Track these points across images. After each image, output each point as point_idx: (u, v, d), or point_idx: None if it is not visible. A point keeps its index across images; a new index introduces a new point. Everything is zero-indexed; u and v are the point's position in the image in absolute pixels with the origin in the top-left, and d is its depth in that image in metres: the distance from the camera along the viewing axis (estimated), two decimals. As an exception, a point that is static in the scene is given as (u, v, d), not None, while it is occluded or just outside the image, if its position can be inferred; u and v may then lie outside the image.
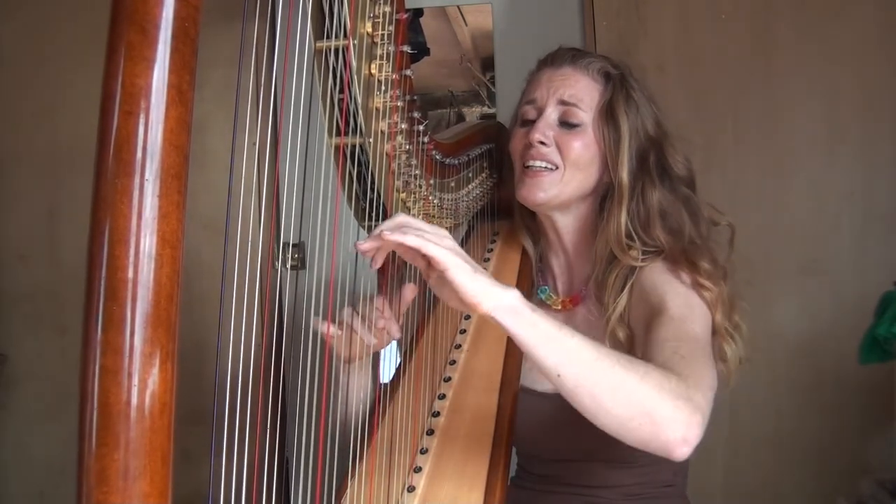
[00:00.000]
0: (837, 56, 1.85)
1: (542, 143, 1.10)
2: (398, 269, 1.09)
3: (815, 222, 1.87)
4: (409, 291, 1.01)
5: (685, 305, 0.99)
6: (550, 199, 1.12)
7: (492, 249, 1.28)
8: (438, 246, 0.77)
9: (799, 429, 1.85)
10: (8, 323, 2.09)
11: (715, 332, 1.00)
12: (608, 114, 1.10)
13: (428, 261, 0.79)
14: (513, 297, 0.78)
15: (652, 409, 0.78)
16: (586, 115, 1.11)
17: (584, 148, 1.10)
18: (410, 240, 0.77)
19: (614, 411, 0.78)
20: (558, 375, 0.78)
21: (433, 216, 1.11)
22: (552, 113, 1.12)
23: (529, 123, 1.13)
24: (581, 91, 1.12)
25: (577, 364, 0.78)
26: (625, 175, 1.08)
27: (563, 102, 1.11)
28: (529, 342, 0.78)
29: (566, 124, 1.11)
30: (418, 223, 0.80)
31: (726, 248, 1.12)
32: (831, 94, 1.86)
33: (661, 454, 0.80)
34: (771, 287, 1.84)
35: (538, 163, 1.11)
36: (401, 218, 0.81)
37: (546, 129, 1.11)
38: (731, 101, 1.89)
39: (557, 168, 1.10)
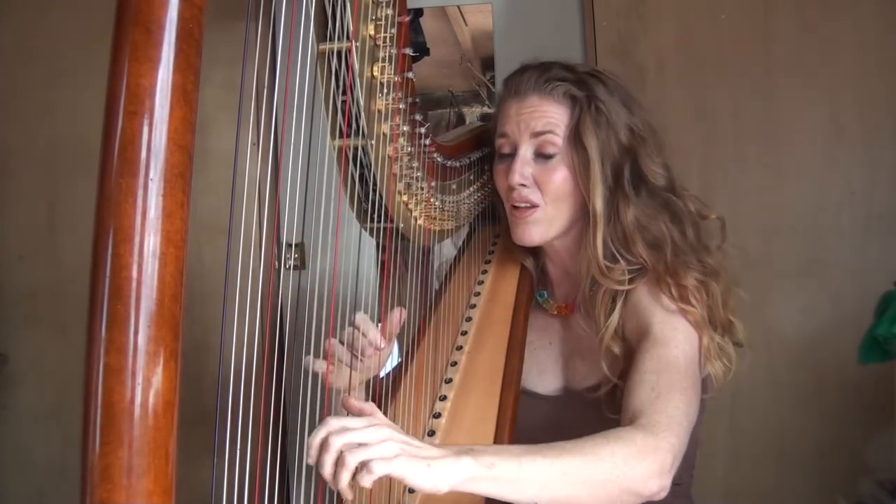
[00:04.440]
0: (837, 56, 1.86)
1: (522, 184, 1.10)
2: (399, 269, 1.09)
3: (815, 222, 1.87)
4: (399, 316, 1.01)
5: (670, 328, 1.00)
6: (543, 235, 1.13)
7: (493, 252, 1.29)
8: (386, 462, 0.71)
9: (799, 429, 1.85)
10: (8, 323, 2.09)
11: (701, 353, 1.01)
12: (576, 139, 1.09)
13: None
14: (467, 465, 0.74)
15: (628, 483, 0.81)
16: (560, 140, 1.10)
17: (562, 181, 1.10)
18: (366, 481, 0.71)
19: None
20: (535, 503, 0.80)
21: (434, 218, 1.12)
22: (527, 150, 1.11)
23: (507, 157, 1.13)
24: (552, 119, 1.10)
25: (548, 490, 0.79)
26: (598, 201, 1.07)
27: (536, 134, 1.10)
28: (499, 495, 0.78)
29: (542, 156, 1.11)
30: (352, 436, 0.73)
31: (718, 236, 1.12)
32: (831, 93, 1.86)
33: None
34: (771, 287, 1.84)
35: (522, 204, 1.12)
36: (334, 443, 0.72)
37: (524, 167, 1.11)
38: (731, 101, 1.89)
39: (539, 206, 1.11)
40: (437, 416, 1.02)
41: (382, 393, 1.06)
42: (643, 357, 0.96)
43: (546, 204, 1.11)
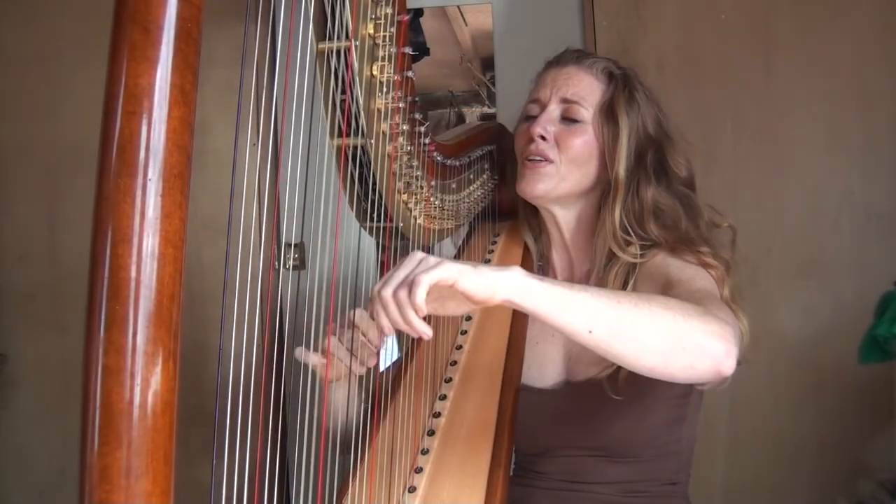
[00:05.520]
0: (837, 56, 1.85)
1: (542, 137, 1.12)
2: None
3: (814, 222, 1.87)
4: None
5: (691, 270, 1.01)
6: (548, 191, 1.13)
7: (493, 251, 1.28)
8: (430, 271, 0.73)
9: (799, 429, 1.85)
10: (8, 323, 2.09)
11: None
12: (608, 111, 1.11)
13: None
14: (519, 275, 0.75)
15: (688, 331, 0.77)
16: (587, 112, 1.12)
17: (583, 145, 1.12)
18: (418, 295, 0.72)
19: (656, 346, 0.77)
20: (590, 332, 0.76)
21: (434, 217, 1.12)
22: (554, 109, 1.14)
23: (532, 119, 1.15)
24: (584, 89, 1.13)
25: (603, 313, 0.76)
26: (621, 171, 1.09)
27: (565, 100, 1.14)
28: (551, 312, 0.76)
29: (567, 120, 1.13)
30: (392, 280, 0.75)
31: (728, 249, 1.12)
32: (831, 94, 1.86)
33: (711, 376, 0.79)
34: (771, 287, 1.84)
35: (537, 157, 1.13)
36: (382, 294, 0.75)
37: (547, 123, 1.13)
38: (731, 101, 1.89)
39: (554, 162, 1.12)
40: (437, 415, 1.02)
41: (382, 392, 1.06)
42: (670, 293, 0.95)
43: (561, 163, 1.12)
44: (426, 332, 0.76)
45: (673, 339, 0.77)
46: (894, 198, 1.84)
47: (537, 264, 1.24)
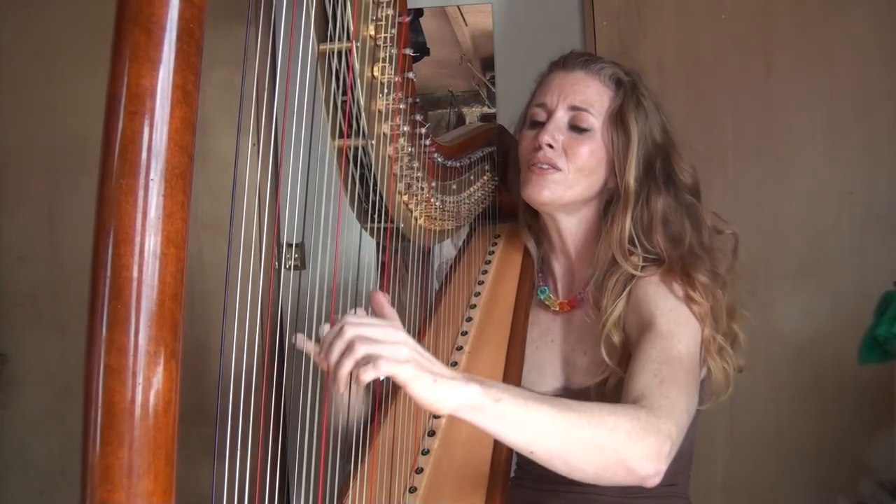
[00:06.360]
0: (837, 56, 1.86)
1: (549, 145, 1.11)
2: (399, 270, 1.09)
3: (815, 222, 1.87)
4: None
5: (674, 322, 1.00)
6: (555, 198, 1.12)
7: (493, 252, 1.28)
8: (394, 363, 0.71)
9: (799, 429, 1.85)
10: (8, 323, 2.09)
11: (702, 347, 1.01)
12: (618, 119, 1.11)
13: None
14: (473, 393, 0.74)
15: (625, 455, 0.80)
16: (596, 120, 1.11)
17: (591, 154, 1.11)
18: (368, 375, 0.71)
19: (589, 469, 0.81)
20: (531, 453, 0.79)
21: (435, 218, 1.12)
22: (562, 117, 1.13)
23: (539, 125, 1.14)
24: (592, 96, 1.12)
25: (547, 439, 0.78)
26: (631, 180, 1.09)
27: (573, 108, 1.12)
28: (499, 432, 0.77)
29: (575, 128, 1.12)
30: (367, 331, 0.73)
31: (729, 256, 1.12)
32: (831, 94, 1.86)
33: (634, 486, 0.83)
34: (771, 287, 1.84)
35: (544, 165, 1.12)
36: (348, 332, 0.73)
37: (555, 131, 1.12)
38: (731, 101, 1.89)
39: (562, 170, 1.11)
40: (438, 416, 1.02)
41: (383, 393, 1.06)
42: (647, 346, 0.96)
43: (569, 171, 1.11)
44: (340, 389, 0.75)
45: (606, 463, 0.81)
46: (894, 198, 1.84)
47: (537, 268, 1.24)
